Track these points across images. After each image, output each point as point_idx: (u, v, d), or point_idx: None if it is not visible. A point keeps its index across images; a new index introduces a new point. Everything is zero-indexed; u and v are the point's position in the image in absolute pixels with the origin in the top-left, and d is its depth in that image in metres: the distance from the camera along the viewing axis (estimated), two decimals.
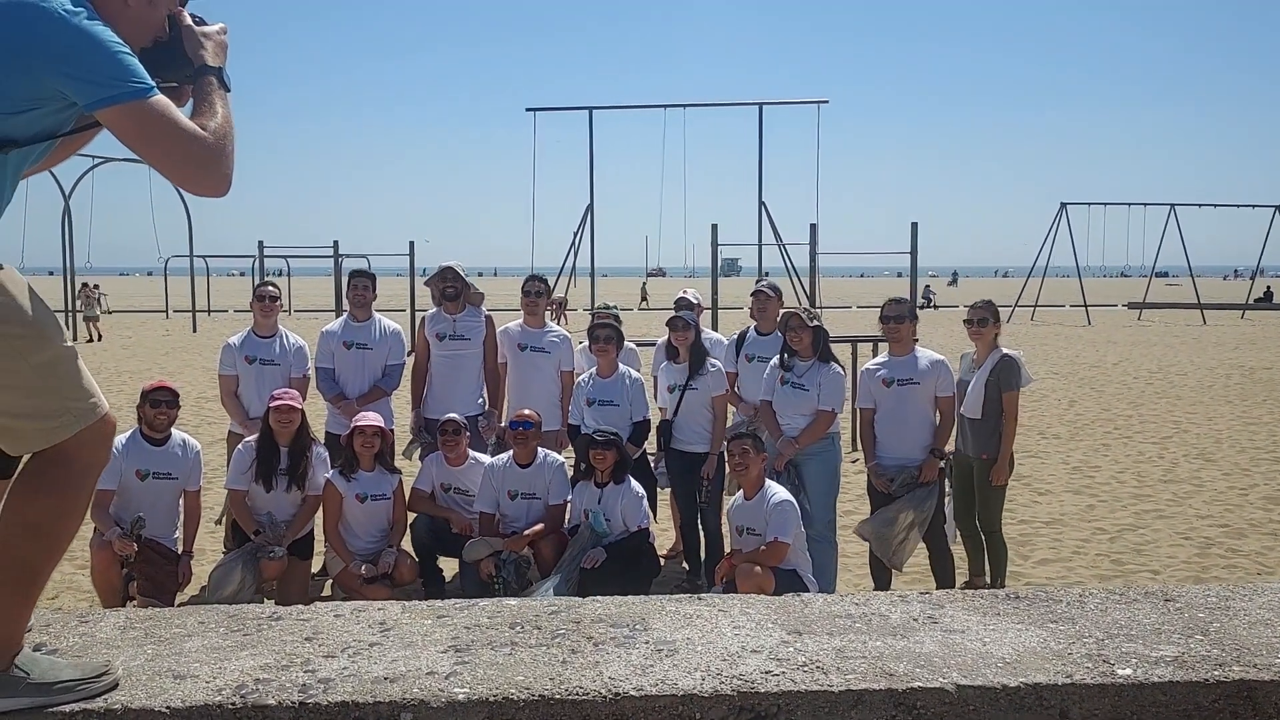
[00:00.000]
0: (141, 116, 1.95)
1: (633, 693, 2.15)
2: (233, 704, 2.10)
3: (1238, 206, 39.87)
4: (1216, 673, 2.22)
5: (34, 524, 2.10)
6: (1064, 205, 34.67)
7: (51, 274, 34.01)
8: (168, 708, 2.09)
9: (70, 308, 27.68)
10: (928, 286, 48.83)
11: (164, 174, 2.01)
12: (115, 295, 46.77)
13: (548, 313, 7.23)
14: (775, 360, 6.22)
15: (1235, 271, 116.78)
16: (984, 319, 6.16)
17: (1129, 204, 35.71)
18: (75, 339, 21.54)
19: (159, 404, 5.74)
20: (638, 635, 2.47)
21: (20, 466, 2.17)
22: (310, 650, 2.38)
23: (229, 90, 2.14)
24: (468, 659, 2.32)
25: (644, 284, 51.90)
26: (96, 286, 28.95)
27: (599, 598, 2.78)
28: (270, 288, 6.95)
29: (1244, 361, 20.70)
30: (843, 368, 6.19)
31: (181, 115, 2.01)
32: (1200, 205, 39.96)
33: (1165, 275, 64.74)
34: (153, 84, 1.96)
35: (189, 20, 2.19)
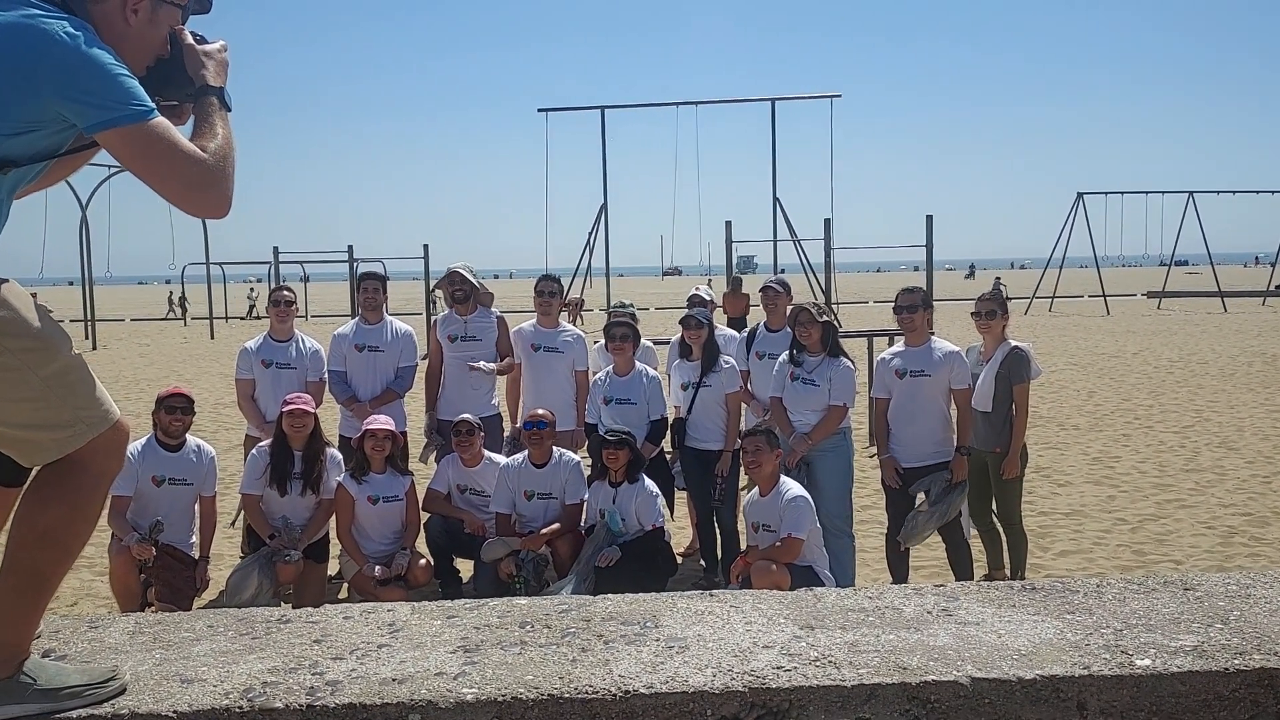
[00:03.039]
0: (141, 139, 1.94)
1: (643, 690, 2.13)
2: (240, 707, 2.08)
3: (1257, 193, 39.38)
4: (1237, 661, 2.18)
5: (46, 532, 2.10)
6: (1080, 195, 34.44)
7: (71, 284, 34.24)
8: (174, 712, 2.08)
9: (89, 317, 27.86)
10: (998, 279, 47.86)
11: (163, 195, 2.00)
12: (132, 304, 47.11)
13: (563, 313, 7.22)
14: (784, 356, 6.19)
15: (1256, 258, 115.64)
16: (992, 311, 6.11)
17: (1146, 192, 35.44)
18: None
19: (174, 410, 5.76)
20: (648, 633, 2.44)
21: (32, 475, 2.17)
22: (318, 652, 2.36)
23: (230, 110, 2.13)
24: (477, 659, 2.30)
25: (708, 280, 52.41)
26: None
27: (609, 595, 2.75)
28: (286, 292, 6.98)
29: (1266, 349, 20.50)
30: (853, 362, 6.15)
31: (181, 137, 1.99)
32: (1219, 192, 39.57)
33: (1184, 263, 64.14)
34: (153, 106, 1.95)
35: (190, 39, 2.17)
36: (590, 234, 23.62)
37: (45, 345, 2.06)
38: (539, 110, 23.95)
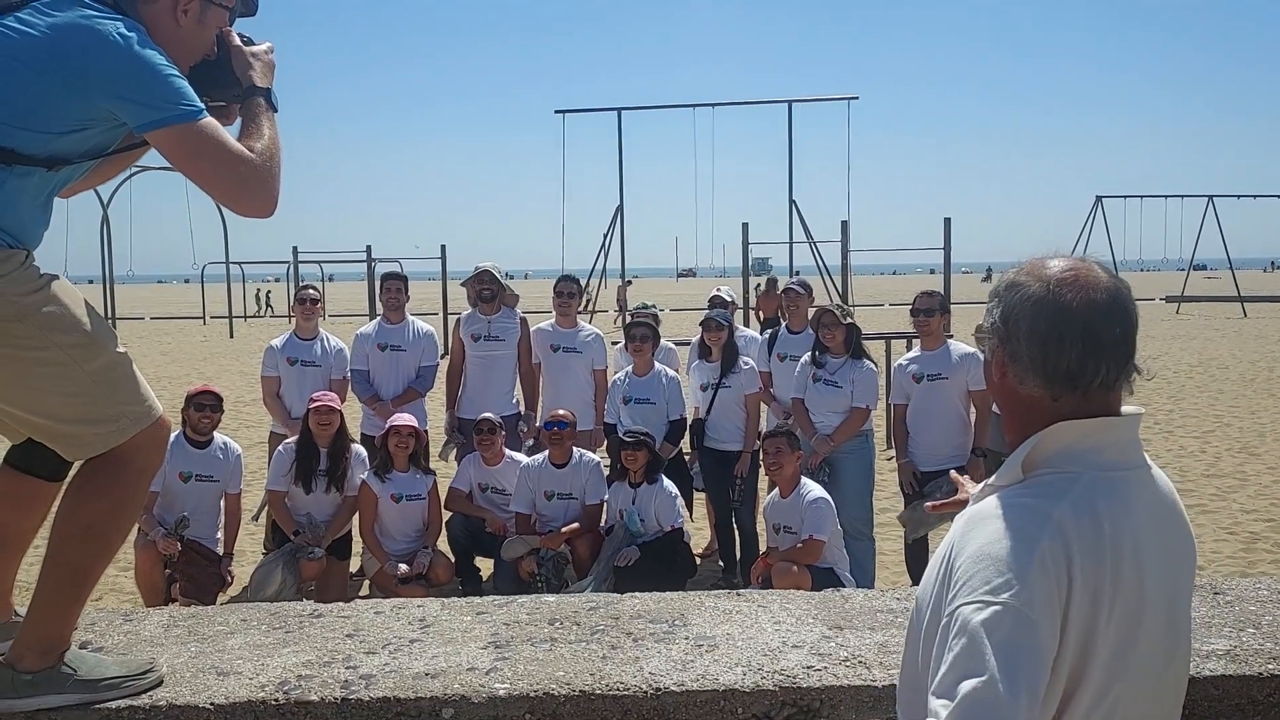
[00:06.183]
0: (190, 138, 1.97)
1: (674, 688, 2.14)
2: (276, 700, 2.11)
3: (1277, 197, 39.09)
4: (1271, 666, 2.18)
5: (88, 526, 2.13)
6: (1099, 199, 34.28)
7: (91, 282, 34.47)
8: (212, 704, 2.11)
9: (110, 315, 28.04)
10: None
11: (211, 194, 2.04)
12: (153, 302, 47.27)
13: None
14: (806, 358, 6.19)
15: (1273, 264, 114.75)
16: None
17: (1165, 196, 35.26)
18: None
19: (203, 408, 5.82)
20: (677, 631, 2.46)
21: (74, 470, 2.20)
22: (352, 647, 2.39)
23: (276, 110, 2.16)
24: (508, 655, 2.32)
25: (766, 278, 50.80)
26: None
27: (637, 594, 2.77)
28: (311, 291, 7.05)
29: None
30: (875, 365, 6.15)
31: (229, 137, 2.03)
32: (1239, 197, 39.30)
33: (1203, 268, 63.70)
34: (202, 106, 1.99)
35: (237, 40, 2.20)
36: (606, 235, 23.62)
37: (92, 341, 2.09)
38: (556, 112, 23.93)
